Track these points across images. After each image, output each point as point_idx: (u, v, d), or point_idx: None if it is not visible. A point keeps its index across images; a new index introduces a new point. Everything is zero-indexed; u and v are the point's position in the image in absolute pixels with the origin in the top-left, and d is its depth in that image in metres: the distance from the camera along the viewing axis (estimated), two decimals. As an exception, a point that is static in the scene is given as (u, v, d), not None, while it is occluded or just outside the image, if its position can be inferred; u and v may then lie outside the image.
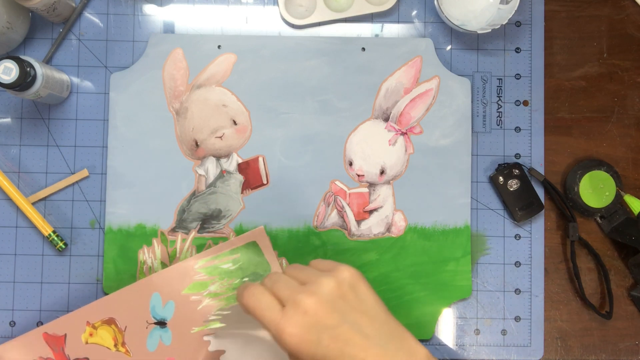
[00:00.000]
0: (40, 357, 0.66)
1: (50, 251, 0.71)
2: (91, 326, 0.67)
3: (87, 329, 0.67)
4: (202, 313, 0.67)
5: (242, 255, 0.68)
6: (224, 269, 0.68)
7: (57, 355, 0.66)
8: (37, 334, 0.66)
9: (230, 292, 0.67)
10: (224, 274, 0.68)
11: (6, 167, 0.71)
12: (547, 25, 0.74)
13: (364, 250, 0.71)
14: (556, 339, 0.73)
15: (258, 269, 0.68)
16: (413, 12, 0.73)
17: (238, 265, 0.68)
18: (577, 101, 0.74)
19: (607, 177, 0.72)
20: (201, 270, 0.67)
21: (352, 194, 0.71)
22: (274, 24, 0.73)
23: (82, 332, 0.66)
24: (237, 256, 0.68)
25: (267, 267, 0.68)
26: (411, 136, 0.72)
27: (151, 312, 0.67)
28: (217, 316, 0.67)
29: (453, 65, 0.73)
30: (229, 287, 0.67)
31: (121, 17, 0.72)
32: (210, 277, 0.67)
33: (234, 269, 0.68)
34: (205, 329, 0.67)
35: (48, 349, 0.66)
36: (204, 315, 0.67)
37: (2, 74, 0.60)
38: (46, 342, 0.66)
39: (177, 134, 0.71)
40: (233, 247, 0.68)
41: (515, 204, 0.71)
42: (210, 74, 0.71)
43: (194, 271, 0.67)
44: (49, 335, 0.66)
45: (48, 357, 0.66)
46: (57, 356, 0.66)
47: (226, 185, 0.71)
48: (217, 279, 0.67)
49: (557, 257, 0.73)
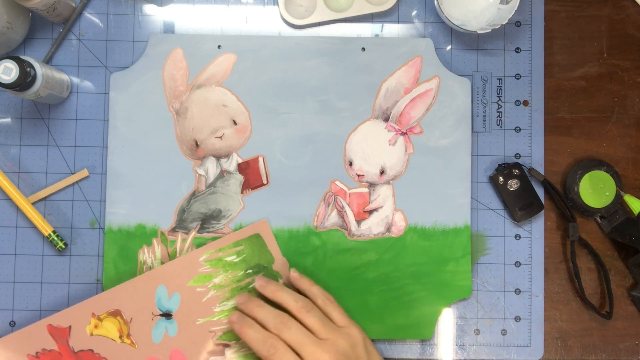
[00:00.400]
0: (43, 349, 0.66)
1: (50, 251, 0.71)
2: (96, 318, 0.67)
3: (92, 320, 0.67)
4: (207, 305, 0.67)
5: (245, 248, 0.69)
6: (228, 262, 0.68)
7: (61, 347, 0.66)
8: (41, 326, 0.66)
9: (235, 284, 0.68)
10: (228, 266, 0.68)
11: (6, 167, 0.71)
12: (547, 25, 0.74)
13: (364, 250, 0.71)
14: (556, 339, 0.73)
15: (261, 261, 0.69)
16: (413, 12, 0.73)
17: (242, 258, 0.68)
18: (577, 101, 0.74)
19: (607, 177, 0.72)
20: (206, 263, 0.68)
21: (352, 194, 0.71)
22: (274, 24, 0.73)
23: (87, 324, 0.67)
24: (240, 248, 0.68)
25: (270, 258, 0.69)
26: (411, 136, 0.72)
27: (157, 304, 0.67)
28: (221, 307, 0.67)
29: (453, 65, 0.73)
30: (233, 279, 0.68)
31: (121, 17, 0.72)
32: (215, 269, 0.68)
33: (237, 261, 0.68)
34: (210, 320, 0.67)
35: (52, 341, 0.66)
36: (209, 306, 0.67)
37: (2, 74, 0.61)
38: (50, 333, 0.66)
39: (177, 134, 0.71)
40: (236, 240, 0.68)
41: (515, 204, 0.71)
42: (210, 74, 0.71)
43: (199, 264, 0.68)
44: (53, 327, 0.67)
45: (52, 349, 0.66)
46: (61, 348, 0.66)
47: (226, 185, 0.71)
48: (221, 272, 0.68)
49: (557, 257, 0.73)
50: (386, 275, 0.71)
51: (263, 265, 0.69)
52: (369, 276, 0.70)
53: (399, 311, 0.70)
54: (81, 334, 0.67)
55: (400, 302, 0.70)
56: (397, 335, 0.70)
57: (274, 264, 0.69)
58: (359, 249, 0.71)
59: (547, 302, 0.73)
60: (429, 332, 0.70)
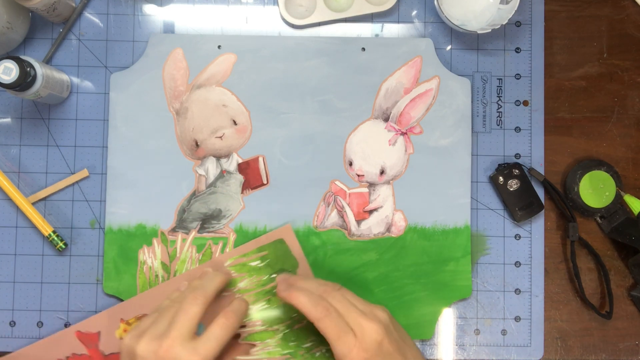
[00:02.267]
0: (73, 353, 0.67)
1: (50, 251, 0.71)
2: (125, 322, 0.68)
3: (121, 325, 0.68)
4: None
5: (269, 253, 0.69)
6: (253, 266, 0.68)
7: (92, 351, 0.67)
8: (69, 333, 0.67)
9: (259, 288, 0.68)
10: (253, 271, 0.68)
11: (6, 167, 0.71)
12: (547, 25, 0.74)
13: (364, 250, 0.71)
14: (556, 339, 0.73)
15: (285, 266, 0.69)
16: (413, 12, 0.73)
17: (266, 263, 0.69)
18: (577, 101, 0.74)
19: (607, 177, 0.72)
20: (231, 268, 0.68)
21: (352, 194, 0.71)
22: (274, 24, 0.73)
23: (116, 328, 0.68)
24: (264, 254, 0.69)
25: (294, 263, 0.69)
26: (411, 136, 0.72)
27: None
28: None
29: (453, 65, 0.73)
30: (258, 283, 0.68)
31: (121, 17, 0.72)
32: (240, 274, 0.68)
33: (262, 266, 0.69)
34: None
35: (82, 346, 0.67)
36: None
37: (2, 74, 0.61)
38: (80, 339, 0.67)
39: (177, 134, 0.71)
40: (260, 245, 0.69)
41: (515, 204, 0.71)
42: (210, 74, 0.71)
43: (224, 269, 0.68)
44: (82, 333, 0.68)
45: (82, 353, 0.67)
46: (92, 352, 0.67)
47: (226, 185, 0.71)
48: (246, 276, 0.68)
49: (557, 257, 0.73)
50: (386, 275, 0.71)
51: (287, 270, 0.69)
52: (369, 276, 0.70)
53: (399, 311, 0.70)
54: (111, 338, 0.68)
55: (400, 302, 0.70)
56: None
57: (299, 269, 0.69)
58: (359, 249, 0.71)
59: (547, 302, 0.73)
60: (429, 332, 0.70)
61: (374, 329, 0.57)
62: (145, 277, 0.69)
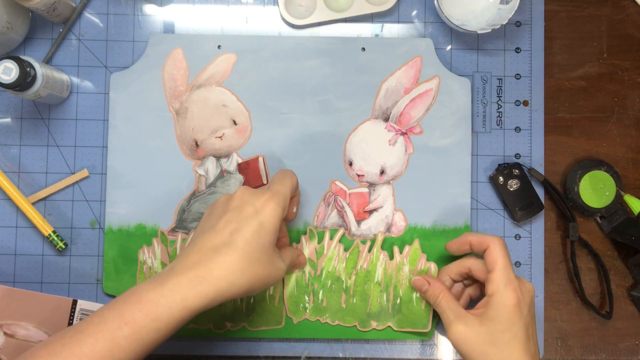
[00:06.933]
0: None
1: (50, 251, 0.71)
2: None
3: None
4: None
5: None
6: None
7: None
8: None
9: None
10: None
11: (6, 167, 0.71)
12: (547, 25, 0.74)
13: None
14: (556, 339, 0.73)
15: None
16: (413, 12, 0.73)
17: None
18: (577, 101, 0.74)
19: (607, 177, 0.72)
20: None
21: (352, 194, 0.71)
22: (274, 24, 0.73)
23: None
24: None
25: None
26: (411, 136, 0.72)
27: None
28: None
29: (453, 65, 0.73)
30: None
31: (121, 17, 0.72)
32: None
33: None
34: None
35: None
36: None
37: (2, 74, 0.61)
38: None
39: (177, 134, 0.71)
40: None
41: (515, 204, 0.71)
42: (210, 74, 0.71)
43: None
44: None
45: None
46: None
47: (226, 185, 0.71)
48: None
49: (557, 257, 0.73)
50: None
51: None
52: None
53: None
54: None
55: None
56: (397, 335, 0.70)
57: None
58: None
59: (547, 302, 0.73)
60: (429, 332, 0.70)
61: (532, 288, 0.62)
62: (145, 277, 0.69)
